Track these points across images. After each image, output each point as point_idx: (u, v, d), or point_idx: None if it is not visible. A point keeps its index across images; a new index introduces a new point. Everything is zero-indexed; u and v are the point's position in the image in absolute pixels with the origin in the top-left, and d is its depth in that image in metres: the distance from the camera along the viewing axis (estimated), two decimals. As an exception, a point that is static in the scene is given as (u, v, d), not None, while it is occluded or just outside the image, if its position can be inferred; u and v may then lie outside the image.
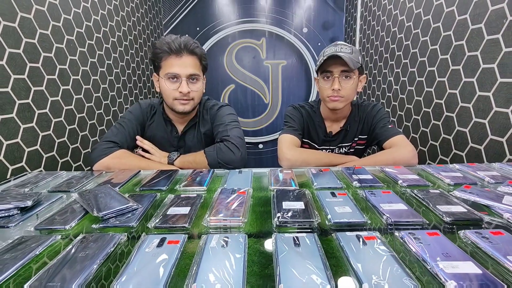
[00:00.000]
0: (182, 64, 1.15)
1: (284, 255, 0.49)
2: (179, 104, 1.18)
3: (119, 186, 0.87)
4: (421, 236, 0.53)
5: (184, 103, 1.18)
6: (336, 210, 0.65)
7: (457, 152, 1.43)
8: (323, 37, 3.24)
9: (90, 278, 0.46)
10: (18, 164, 1.20)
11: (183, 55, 1.15)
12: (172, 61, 1.15)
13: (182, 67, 1.14)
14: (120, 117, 1.30)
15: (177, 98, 1.17)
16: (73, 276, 0.45)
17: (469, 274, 0.43)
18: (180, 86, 1.15)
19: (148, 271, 0.46)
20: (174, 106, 1.19)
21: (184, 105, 1.19)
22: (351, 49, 1.17)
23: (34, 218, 0.67)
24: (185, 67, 1.15)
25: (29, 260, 0.51)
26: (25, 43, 1.25)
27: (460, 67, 1.39)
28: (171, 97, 1.18)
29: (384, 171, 0.96)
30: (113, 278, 0.46)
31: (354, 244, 0.51)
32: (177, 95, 1.16)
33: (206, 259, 0.48)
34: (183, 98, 1.17)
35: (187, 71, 1.15)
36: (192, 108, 1.22)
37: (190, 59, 1.16)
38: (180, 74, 1.15)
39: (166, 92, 1.19)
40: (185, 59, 1.15)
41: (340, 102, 1.22)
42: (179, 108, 1.19)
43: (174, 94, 1.17)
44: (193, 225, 0.63)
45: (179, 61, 1.14)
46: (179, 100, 1.18)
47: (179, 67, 1.14)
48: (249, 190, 0.79)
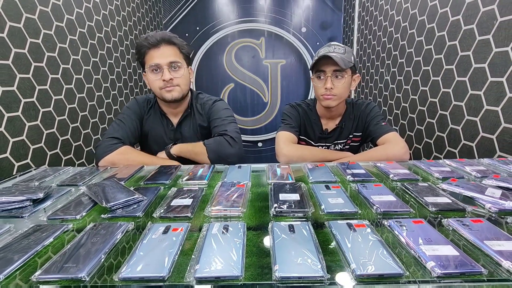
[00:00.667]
0: (161, 54, 1.21)
1: (279, 240, 0.53)
2: (165, 92, 1.24)
3: (124, 180, 0.91)
4: (407, 223, 0.57)
5: (169, 90, 1.23)
6: (329, 201, 0.69)
7: (451, 149, 1.47)
8: (321, 36, 3.27)
9: (102, 261, 0.50)
10: (24, 161, 1.23)
11: (161, 46, 1.21)
12: (152, 54, 1.21)
13: (162, 57, 1.21)
14: (119, 113, 1.34)
15: (162, 87, 1.23)
16: (87, 259, 0.49)
17: (447, 256, 0.47)
18: (162, 74, 1.21)
19: (155, 255, 0.50)
20: (162, 95, 1.24)
21: (170, 92, 1.24)
22: (344, 49, 1.22)
23: (46, 209, 0.72)
24: (165, 57, 1.21)
25: (45, 245, 0.56)
26: (30, 43, 1.29)
27: (453, 66, 1.43)
28: (157, 87, 1.24)
29: (376, 166, 1.00)
30: (123, 260, 0.50)
31: (345, 231, 0.56)
32: (161, 84, 1.22)
33: (208, 244, 0.52)
34: (167, 85, 1.22)
35: (166, 59, 1.21)
36: (181, 95, 1.27)
37: (168, 48, 1.22)
38: (161, 63, 1.21)
39: (152, 84, 1.25)
40: (163, 50, 1.21)
41: (333, 100, 1.26)
42: (167, 96, 1.24)
43: (158, 83, 1.23)
44: (196, 215, 0.67)
45: (158, 52, 1.21)
46: (164, 88, 1.23)
47: (158, 58, 1.21)
48: (248, 184, 0.83)
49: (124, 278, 0.45)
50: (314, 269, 0.46)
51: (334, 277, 0.45)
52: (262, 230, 0.60)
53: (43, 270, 0.47)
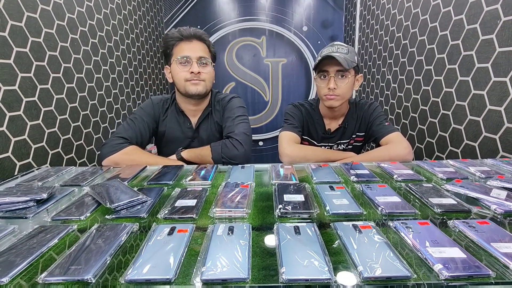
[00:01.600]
0: (193, 48, 1.22)
1: (285, 242, 0.53)
2: (191, 84, 1.23)
3: (127, 180, 0.91)
4: (413, 225, 0.57)
5: (195, 83, 1.23)
6: (334, 202, 0.69)
7: (453, 149, 1.47)
8: (322, 35, 3.26)
9: (108, 262, 0.50)
10: (26, 160, 1.23)
11: (193, 40, 1.23)
12: (183, 46, 1.22)
13: (193, 51, 1.22)
14: (132, 113, 1.33)
15: (188, 79, 1.22)
16: (92, 261, 0.49)
17: (454, 258, 0.47)
18: (191, 67, 1.21)
19: (161, 257, 0.50)
20: (187, 87, 1.23)
21: (196, 86, 1.23)
22: (347, 49, 1.21)
23: (50, 210, 0.71)
24: (195, 51, 1.22)
25: (50, 247, 0.55)
26: (31, 42, 1.28)
27: (456, 66, 1.43)
28: (183, 78, 1.23)
29: (380, 166, 1.00)
30: (128, 261, 0.50)
31: (351, 232, 0.56)
32: (188, 76, 1.22)
33: (213, 245, 0.52)
34: (194, 78, 1.22)
35: (197, 53, 1.22)
36: (205, 91, 1.26)
37: (199, 44, 1.24)
38: (191, 56, 1.21)
39: (177, 75, 1.24)
40: (195, 44, 1.23)
41: (336, 101, 1.26)
42: (191, 89, 1.23)
43: (185, 75, 1.22)
44: (200, 216, 0.67)
45: (190, 45, 1.22)
46: (190, 81, 1.23)
47: (189, 51, 1.21)
48: (252, 184, 0.83)
49: (130, 281, 0.45)
50: (321, 271, 0.45)
51: (341, 279, 0.45)
52: (267, 231, 0.59)
53: (49, 272, 0.47)
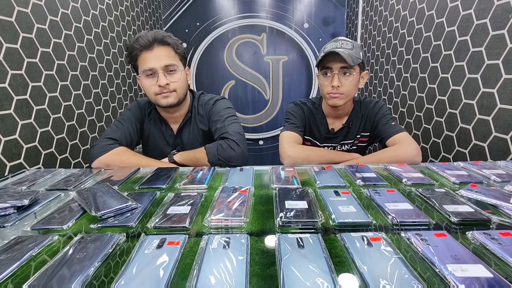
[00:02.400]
0: (155, 57, 1.11)
1: (287, 257, 0.47)
2: (161, 98, 1.15)
3: (118, 184, 0.85)
4: (428, 237, 0.51)
5: (166, 96, 1.14)
6: (340, 210, 0.64)
7: (460, 149, 1.41)
8: (324, 32, 3.21)
9: (88, 280, 0.44)
10: (16, 161, 1.18)
11: (154, 47, 1.11)
12: (145, 56, 1.11)
13: (156, 60, 1.11)
14: (119, 115, 1.29)
15: (157, 93, 1.14)
16: (70, 278, 0.43)
17: (479, 278, 0.41)
18: (158, 79, 1.12)
19: (147, 274, 0.45)
20: (158, 101, 1.16)
21: (166, 98, 1.15)
22: (352, 45, 1.15)
23: (31, 218, 0.66)
24: (159, 60, 1.11)
25: (26, 261, 0.50)
26: (22, 38, 1.23)
27: (464, 63, 1.37)
28: (152, 93, 1.14)
29: (387, 169, 0.94)
30: (111, 280, 0.44)
31: (360, 245, 0.50)
32: (156, 89, 1.13)
33: (207, 261, 0.47)
34: (163, 91, 1.13)
35: (161, 62, 1.11)
36: (177, 100, 1.18)
37: (162, 50, 1.12)
38: (155, 67, 1.11)
39: (146, 89, 1.16)
40: (157, 51, 1.11)
41: (339, 99, 1.20)
42: (162, 102, 1.15)
43: (154, 89, 1.13)
44: (194, 225, 0.61)
45: (151, 54, 1.11)
46: (160, 94, 1.14)
47: (152, 61, 1.10)
48: (251, 189, 0.77)
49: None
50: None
51: (351, 302, 0.40)
52: (267, 244, 0.54)
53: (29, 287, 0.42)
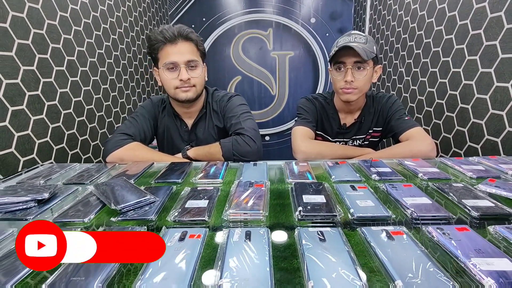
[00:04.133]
0: (179, 51, 1.12)
1: (310, 249, 0.47)
2: (181, 92, 1.16)
3: (133, 178, 0.86)
4: (450, 231, 0.51)
5: (185, 90, 1.16)
6: (358, 204, 0.64)
7: (472, 144, 1.40)
8: (331, 27, 3.17)
9: (114, 273, 0.45)
10: (29, 156, 1.19)
11: (178, 42, 1.12)
12: (168, 50, 1.12)
13: (179, 54, 1.12)
14: (133, 112, 1.30)
15: (178, 87, 1.15)
16: (96, 271, 0.44)
17: (506, 271, 0.41)
18: (179, 73, 1.13)
19: (172, 266, 0.45)
20: (177, 95, 1.17)
21: (186, 92, 1.16)
22: (366, 39, 1.14)
23: (52, 211, 0.67)
24: (182, 54, 1.12)
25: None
26: (33, 33, 1.24)
27: (477, 57, 1.35)
28: (172, 86, 1.15)
29: (402, 164, 0.93)
30: (136, 273, 0.45)
31: (382, 239, 0.50)
32: (177, 83, 1.14)
33: (230, 253, 0.47)
34: (184, 85, 1.14)
35: (184, 57, 1.12)
36: (196, 96, 1.19)
37: (186, 45, 1.14)
38: (178, 62, 1.12)
39: (166, 82, 1.17)
40: (180, 46, 1.12)
41: (353, 94, 1.19)
42: (181, 96, 1.16)
43: (174, 83, 1.14)
44: (213, 219, 0.62)
45: (175, 48, 1.12)
46: (180, 88, 1.15)
47: (175, 55, 1.12)
48: (267, 183, 0.77)
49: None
50: (354, 286, 0.40)
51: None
52: (288, 237, 0.54)
53: (48, 285, 0.42)
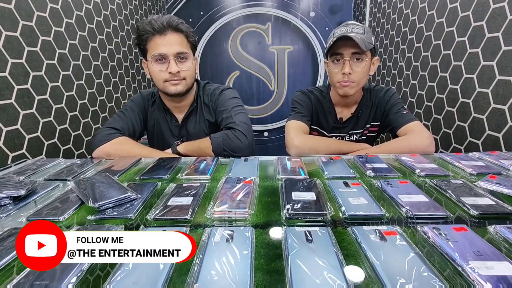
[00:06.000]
0: (168, 42, 1.07)
1: (295, 252, 0.44)
2: (170, 85, 1.12)
3: (118, 174, 0.82)
4: (447, 231, 0.48)
5: (175, 83, 1.11)
6: (350, 202, 0.60)
7: (473, 140, 1.36)
8: (330, 21, 3.12)
9: (82, 276, 0.42)
10: (19, 151, 1.16)
11: (167, 33, 1.07)
12: (157, 41, 1.07)
13: (168, 46, 1.07)
14: (122, 106, 1.27)
15: (167, 80, 1.11)
16: (63, 274, 0.41)
17: (507, 276, 0.38)
18: (169, 66, 1.09)
19: (145, 269, 0.42)
20: (166, 88, 1.13)
21: (176, 86, 1.12)
22: (363, 29, 1.10)
23: (28, 208, 0.64)
24: (171, 46, 1.08)
25: (18, 254, 0.47)
26: (22, 25, 1.20)
27: (479, 50, 1.31)
28: (161, 79, 1.11)
29: (399, 159, 0.90)
30: (108, 275, 0.42)
31: (373, 240, 0.47)
32: (166, 76, 1.10)
33: (209, 256, 0.44)
34: (174, 78, 1.10)
35: (173, 49, 1.08)
36: (186, 89, 1.16)
37: (175, 36, 1.09)
38: (167, 53, 1.07)
39: (155, 75, 1.12)
40: (170, 37, 1.08)
41: (351, 88, 1.15)
42: (171, 89, 1.12)
43: (163, 75, 1.10)
44: (196, 217, 0.58)
45: (164, 40, 1.07)
46: (169, 81, 1.11)
47: (164, 46, 1.07)
48: (256, 179, 0.74)
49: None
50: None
51: (365, 302, 0.37)
52: (273, 236, 0.51)
53: (13, 286, 0.39)
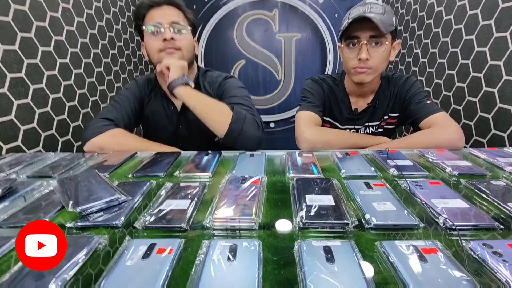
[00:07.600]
0: (163, 13, 1.06)
1: (313, 277, 0.35)
2: (165, 54, 1.06)
3: (110, 171, 0.74)
4: (503, 249, 0.38)
5: (170, 52, 1.06)
6: (375, 208, 0.51)
7: (497, 132, 1.25)
8: (340, 7, 2.99)
9: None
10: (13, 143, 1.10)
11: (163, 6, 1.07)
12: (153, 13, 1.07)
13: (163, 16, 1.06)
14: (116, 95, 1.19)
15: (161, 49, 1.06)
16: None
17: None
18: (163, 35, 1.05)
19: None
20: (160, 59, 1.07)
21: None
22: (383, 9, 0.98)
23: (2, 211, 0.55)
24: (167, 16, 1.06)
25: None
26: (14, 10, 1.12)
27: (508, 33, 1.19)
28: (156, 50, 1.07)
29: (424, 155, 0.80)
30: None
31: (411, 260, 0.37)
32: (161, 45, 1.05)
33: (206, 276, 0.35)
34: (168, 46, 1.05)
35: (168, 18, 1.06)
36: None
37: (171, 9, 1.08)
38: (162, 22, 1.05)
39: (150, 48, 1.08)
40: (166, 9, 1.07)
41: (367, 75, 1.04)
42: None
43: (158, 45, 1.06)
44: (193, 225, 0.50)
45: (160, 11, 1.06)
46: (164, 50, 1.06)
47: (159, 16, 1.06)
48: (263, 179, 0.65)
49: None
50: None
51: None
52: (285, 252, 0.42)
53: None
